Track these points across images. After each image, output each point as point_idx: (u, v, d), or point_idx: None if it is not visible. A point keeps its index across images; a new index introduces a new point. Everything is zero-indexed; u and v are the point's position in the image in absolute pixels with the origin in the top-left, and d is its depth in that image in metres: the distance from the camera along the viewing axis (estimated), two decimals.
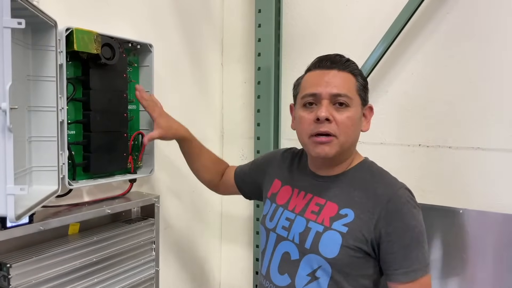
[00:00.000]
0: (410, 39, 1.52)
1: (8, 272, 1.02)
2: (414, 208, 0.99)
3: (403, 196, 0.99)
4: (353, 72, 1.03)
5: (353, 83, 1.02)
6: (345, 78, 1.01)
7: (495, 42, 1.39)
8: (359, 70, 1.06)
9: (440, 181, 1.48)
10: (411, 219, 0.97)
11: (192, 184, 1.77)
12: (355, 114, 1.01)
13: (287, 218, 1.08)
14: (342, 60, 1.04)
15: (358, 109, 1.02)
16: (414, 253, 0.96)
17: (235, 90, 1.93)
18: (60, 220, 1.13)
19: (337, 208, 1.01)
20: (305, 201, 1.07)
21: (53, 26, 1.06)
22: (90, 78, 1.21)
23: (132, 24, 1.45)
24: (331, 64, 1.02)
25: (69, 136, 1.17)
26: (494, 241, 1.32)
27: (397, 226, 0.96)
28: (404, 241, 0.95)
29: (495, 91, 1.39)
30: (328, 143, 0.99)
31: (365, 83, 1.06)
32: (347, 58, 1.05)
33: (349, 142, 1.02)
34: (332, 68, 1.02)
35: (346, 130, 0.99)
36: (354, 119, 1.00)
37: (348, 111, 1.00)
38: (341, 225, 0.99)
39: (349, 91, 1.00)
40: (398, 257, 0.96)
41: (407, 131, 1.54)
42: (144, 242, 1.39)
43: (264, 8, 1.72)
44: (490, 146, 1.39)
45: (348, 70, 1.03)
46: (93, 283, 1.23)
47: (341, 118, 0.99)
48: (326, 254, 0.98)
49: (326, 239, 0.99)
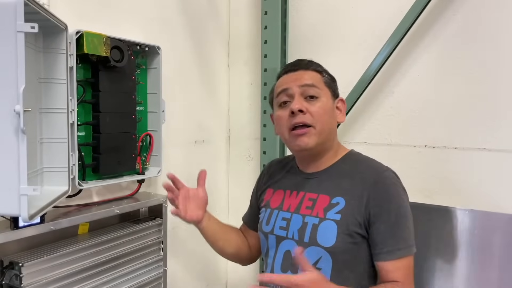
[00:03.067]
0: (416, 40, 1.52)
1: (20, 271, 1.04)
2: (400, 189, 1.04)
3: (389, 178, 1.04)
4: (317, 70, 1.12)
5: (319, 77, 1.10)
6: (310, 74, 1.10)
7: (502, 43, 1.39)
8: (323, 68, 1.14)
9: (446, 182, 1.48)
10: (398, 199, 1.02)
11: None
12: (326, 104, 1.07)
13: (284, 218, 1.11)
14: (304, 61, 1.14)
15: (329, 100, 1.09)
16: (400, 232, 1.00)
17: (241, 91, 1.94)
18: (70, 220, 1.15)
19: (329, 199, 1.05)
20: (299, 199, 1.10)
21: (63, 29, 1.08)
22: (100, 80, 1.23)
23: (140, 27, 1.46)
24: (295, 67, 1.13)
25: (79, 138, 1.19)
26: (500, 241, 1.32)
27: (384, 207, 1.00)
28: (390, 221, 1.00)
29: (501, 92, 1.39)
30: (306, 134, 1.05)
31: (332, 77, 1.13)
32: (309, 60, 1.14)
33: (326, 130, 1.07)
34: (297, 70, 1.11)
35: (320, 119, 1.05)
36: (326, 109, 1.07)
37: (319, 101, 1.06)
38: (334, 214, 1.02)
39: (317, 82, 1.08)
40: (385, 237, 1.00)
41: (413, 132, 1.54)
42: (152, 242, 1.41)
43: (270, 10, 1.73)
44: (496, 147, 1.39)
45: (312, 68, 1.11)
46: (102, 282, 1.25)
47: (314, 108, 1.05)
48: (324, 243, 1.01)
49: (322, 229, 1.02)
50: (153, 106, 1.43)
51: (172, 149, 1.60)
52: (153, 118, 1.43)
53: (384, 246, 1.00)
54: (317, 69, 1.12)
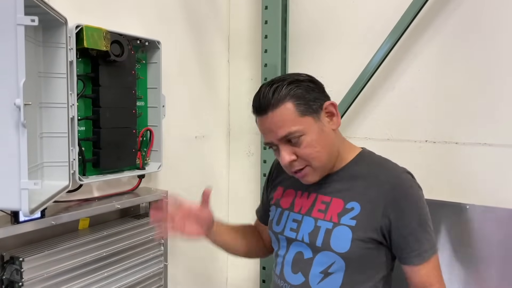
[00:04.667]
0: (417, 35, 1.52)
1: (21, 266, 1.04)
2: (418, 190, 1.03)
3: (407, 180, 1.03)
4: (285, 101, 0.98)
5: (292, 112, 0.97)
6: (282, 115, 0.98)
7: (503, 38, 1.38)
8: (292, 91, 0.98)
9: (447, 177, 1.48)
10: (418, 201, 1.01)
11: (199, 180, 1.79)
12: (314, 135, 0.99)
13: (294, 220, 1.09)
14: (268, 99, 0.98)
15: (313, 126, 0.99)
16: (423, 234, 1.00)
17: (241, 86, 1.93)
18: (70, 215, 1.15)
19: (343, 203, 1.03)
20: (310, 201, 1.08)
21: (63, 23, 1.07)
22: (100, 75, 1.23)
23: (140, 21, 1.46)
24: (262, 110, 1.00)
25: (79, 132, 1.19)
26: (501, 236, 1.32)
27: (406, 211, 0.99)
28: (413, 224, 0.99)
29: (502, 87, 1.39)
30: (307, 174, 1.02)
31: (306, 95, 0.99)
32: (273, 90, 0.98)
33: (324, 158, 1.01)
34: (266, 113, 0.99)
35: (314, 156, 0.99)
36: (316, 140, 0.99)
37: (304, 139, 0.98)
38: (349, 219, 1.00)
39: (293, 124, 0.97)
40: (410, 241, 0.99)
41: (414, 127, 1.54)
42: (152, 237, 1.41)
43: (270, 5, 1.72)
44: (497, 141, 1.39)
45: (281, 103, 0.98)
46: (103, 277, 1.25)
47: (301, 150, 0.98)
48: (338, 249, 1.00)
49: (336, 235, 1.00)
50: (153, 101, 1.43)
51: (173, 144, 1.59)
52: (153, 113, 1.43)
53: (411, 250, 1.00)
54: (285, 99, 0.98)
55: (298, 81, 1.00)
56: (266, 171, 1.78)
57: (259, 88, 1.03)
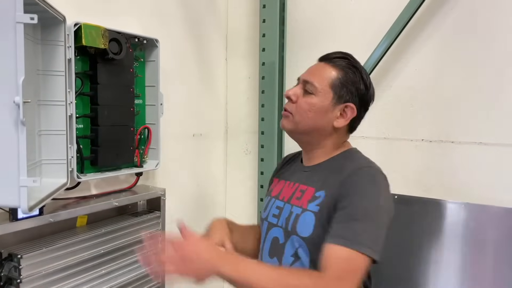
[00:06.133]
0: (414, 34, 1.52)
1: (19, 263, 1.05)
2: (373, 186, 0.98)
3: (367, 174, 1.01)
4: (339, 67, 1.07)
5: (330, 76, 1.07)
6: (325, 70, 1.08)
7: (499, 38, 1.39)
8: (352, 68, 1.07)
9: (443, 176, 1.49)
10: (365, 194, 0.96)
11: (197, 178, 1.79)
12: (318, 103, 1.06)
13: (277, 207, 1.13)
14: (335, 55, 1.10)
15: (325, 101, 1.06)
16: (355, 226, 0.93)
17: (239, 85, 1.94)
18: (69, 212, 1.15)
19: (314, 191, 1.06)
20: (292, 190, 1.12)
21: (62, 21, 1.07)
22: (98, 72, 1.23)
23: (138, 19, 1.46)
24: (323, 58, 1.11)
25: (77, 130, 1.19)
26: (496, 234, 1.33)
27: (345, 195, 0.97)
28: (349, 211, 0.94)
29: (498, 86, 1.40)
30: (286, 117, 1.10)
31: (347, 81, 1.06)
32: (343, 55, 1.09)
33: (305, 124, 1.07)
34: (322, 61, 1.11)
35: (301, 112, 1.07)
36: (313, 106, 1.06)
37: (311, 98, 1.06)
38: (314, 205, 1.03)
39: (319, 81, 1.06)
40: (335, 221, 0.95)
41: (410, 126, 1.55)
42: (150, 234, 1.41)
43: (268, 4, 1.72)
44: (493, 141, 1.40)
45: (335, 64, 1.08)
46: (101, 274, 1.25)
47: (301, 101, 1.07)
48: (302, 233, 1.02)
49: (302, 219, 1.03)
50: (151, 99, 1.43)
51: (170, 142, 1.60)
52: (151, 111, 1.43)
53: (331, 229, 0.94)
54: (340, 66, 1.07)
55: (359, 72, 1.08)
56: (263, 169, 1.79)
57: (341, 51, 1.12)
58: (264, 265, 0.99)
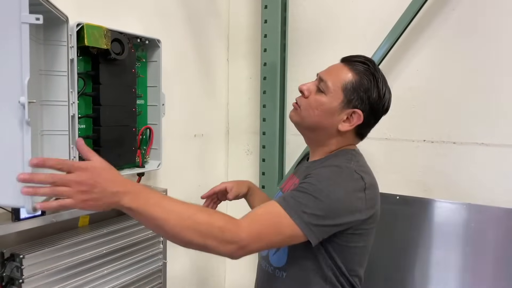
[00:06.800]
0: (415, 35, 1.53)
1: (21, 263, 1.04)
2: (335, 175, 0.99)
3: (337, 164, 1.02)
4: (356, 71, 1.06)
5: (344, 78, 1.06)
6: (342, 71, 1.07)
7: (500, 39, 1.40)
8: (369, 75, 1.06)
9: (444, 176, 1.49)
10: (319, 175, 0.98)
11: (198, 178, 1.79)
12: (326, 103, 1.06)
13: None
14: (357, 58, 1.09)
15: (333, 102, 1.06)
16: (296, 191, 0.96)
17: (240, 85, 1.94)
18: (71, 212, 1.15)
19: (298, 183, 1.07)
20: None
21: (64, 21, 1.07)
22: (100, 73, 1.23)
23: (140, 20, 1.46)
24: (345, 59, 1.12)
25: (79, 130, 1.19)
26: (496, 235, 1.34)
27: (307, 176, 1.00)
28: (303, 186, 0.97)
29: (500, 87, 1.40)
30: (294, 109, 1.13)
31: (360, 87, 1.05)
32: (364, 60, 1.08)
33: (309, 121, 1.09)
34: (343, 62, 1.11)
35: (308, 108, 1.08)
36: (321, 105, 1.06)
37: (321, 96, 1.07)
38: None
39: (333, 82, 1.06)
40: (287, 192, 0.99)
41: (411, 126, 1.55)
42: (152, 235, 1.41)
43: (270, 4, 1.73)
44: (494, 141, 1.41)
45: (353, 67, 1.07)
46: (103, 274, 1.25)
47: (312, 97, 1.09)
48: None
49: None
50: (153, 99, 1.43)
51: (172, 142, 1.60)
52: (153, 112, 1.43)
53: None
54: (356, 71, 1.06)
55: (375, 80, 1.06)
56: (264, 170, 1.79)
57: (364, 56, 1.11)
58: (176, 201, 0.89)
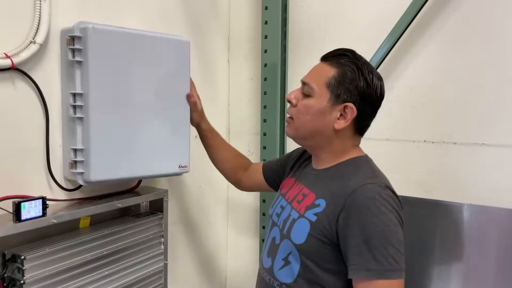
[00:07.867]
0: (416, 35, 1.52)
1: (22, 264, 1.05)
2: (380, 206, 0.92)
3: (370, 190, 0.94)
4: (337, 65, 1.01)
5: (326, 75, 1.01)
6: (323, 70, 1.03)
7: (501, 39, 1.39)
8: (351, 64, 1.01)
9: (445, 177, 1.49)
10: (372, 216, 0.91)
11: (200, 179, 1.80)
12: (315, 105, 1.02)
13: (281, 206, 1.13)
14: (335, 52, 1.04)
15: (322, 102, 1.01)
16: (370, 253, 0.90)
17: (241, 86, 1.94)
18: (72, 213, 1.16)
19: (314, 198, 1.03)
20: (296, 191, 1.11)
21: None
22: None
23: (141, 21, 1.46)
24: (324, 57, 1.07)
25: None
26: (498, 235, 1.33)
27: (354, 220, 0.93)
28: (359, 238, 0.91)
29: (500, 88, 1.40)
30: (289, 124, 1.10)
31: (344, 79, 1.00)
32: (343, 52, 1.03)
33: (304, 128, 1.05)
34: (322, 60, 1.07)
35: (299, 116, 1.05)
36: (310, 108, 1.03)
37: (309, 100, 1.03)
38: (312, 214, 1.00)
39: (316, 82, 1.02)
40: (353, 252, 0.92)
41: (412, 127, 1.55)
42: (153, 236, 1.42)
43: (271, 5, 1.73)
44: (495, 142, 1.40)
45: (334, 62, 1.02)
46: (104, 275, 1.26)
47: (299, 104, 1.05)
48: (295, 240, 1.01)
49: (297, 226, 1.02)
50: None
51: None
52: None
53: (352, 262, 0.92)
54: (336, 65, 1.01)
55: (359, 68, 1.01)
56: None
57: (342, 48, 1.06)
58: None
